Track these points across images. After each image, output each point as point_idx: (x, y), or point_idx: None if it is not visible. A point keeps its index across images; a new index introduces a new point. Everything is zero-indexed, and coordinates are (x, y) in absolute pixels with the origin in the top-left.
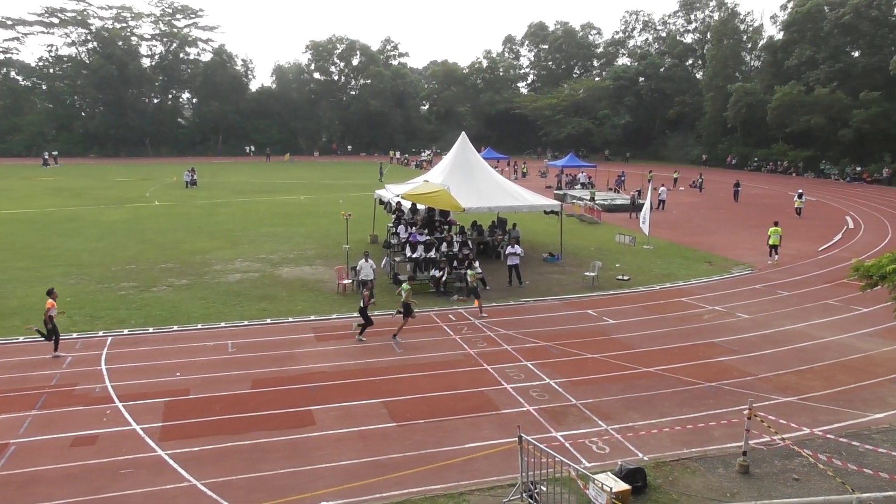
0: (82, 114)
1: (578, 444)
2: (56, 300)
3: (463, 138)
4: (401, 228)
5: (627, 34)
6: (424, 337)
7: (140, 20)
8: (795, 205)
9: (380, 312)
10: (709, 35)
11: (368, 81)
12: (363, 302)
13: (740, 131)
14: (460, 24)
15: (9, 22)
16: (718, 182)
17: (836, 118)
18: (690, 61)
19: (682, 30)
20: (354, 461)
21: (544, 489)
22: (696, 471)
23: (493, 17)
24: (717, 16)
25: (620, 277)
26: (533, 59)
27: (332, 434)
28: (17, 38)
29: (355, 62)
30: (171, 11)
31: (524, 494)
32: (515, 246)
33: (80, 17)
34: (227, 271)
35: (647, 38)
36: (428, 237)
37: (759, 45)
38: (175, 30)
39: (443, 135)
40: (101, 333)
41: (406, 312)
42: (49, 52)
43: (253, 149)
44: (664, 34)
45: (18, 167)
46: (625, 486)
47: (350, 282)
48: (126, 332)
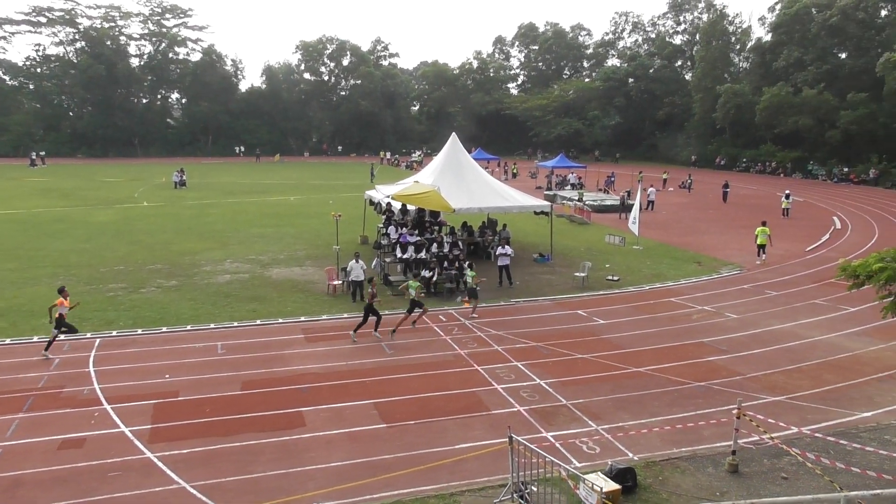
0: (70, 114)
1: (569, 445)
2: (68, 298)
3: (453, 139)
4: (391, 229)
5: (617, 35)
6: (415, 338)
7: (129, 19)
8: (782, 205)
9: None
10: (698, 36)
11: (359, 82)
12: (368, 298)
13: (729, 132)
14: (450, 24)
15: None
16: (707, 183)
17: (824, 119)
18: (680, 62)
19: (672, 31)
20: (345, 462)
21: (535, 489)
22: (685, 470)
23: (483, 18)
24: (705, 17)
25: (610, 278)
26: (523, 59)
27: (322, 435)
28: (4, 38)
29: (345, 62)
30: (160, 11)
31: (515, 495)
32: (506, 246)
33: (68, 17)
34: (217, 272)
35: (637, 40)
36: (418, 238)
37: (748, 46)
38: (164, 29)
39: (433, 135)
40: (89, 335)
41: (412, 309)
42: (36, 51)
43: (243, 149)
44: (653, 35)
45: (5, 167)
46: (615, 486)
47: (340, 283)
48: (115, 333)
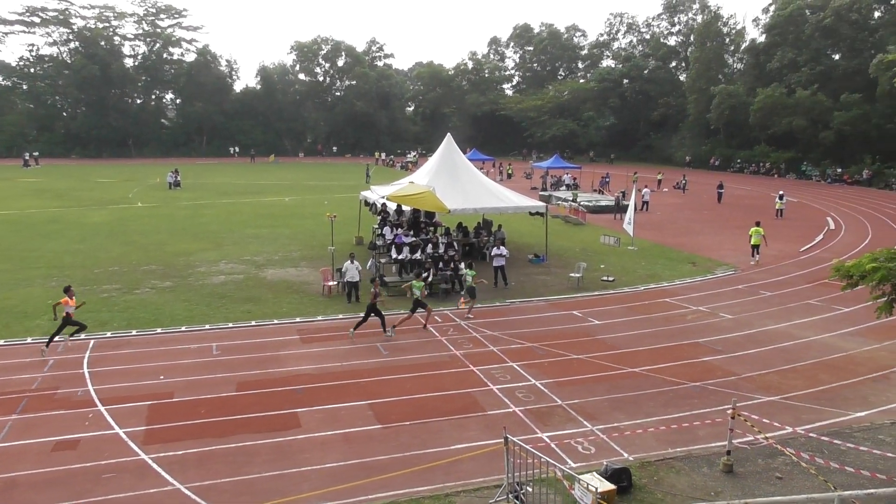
0: (64, 114)
1: (564, 445)
2: (74, 297)
3: (448, 140)
4: (386, 230)
5: (612, 36)
6: (410, 338)
7: (123, 20)
8: (776, 206)
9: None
10: (692, 38)
11: (354, 82)
12: (371, 298)
13: (723, 133)
14: (445, 25)
15: None
16: (702, 183)
17: (818, 120)
18: (674, 63)
19: (666, 32)
20: (340, 463)
21: (530, 490)
22: (680, 470)
23: (478, 19)
24: (700, 19)
25: (605, 278)
26: (518, 60)
27: (317, 436)
28: None
29: (340, 63)
30: (154, 11)
31: (510, 495)
32: (501, 247)
33: (61, 17)
34: (212, 273)
35: (632, 41)
36: (413, 238)
37: (742, 47)
38: (158, 30)
39: (428, 136)
40: (83, 336)
41: (415, 308)
42: (30, 51)
43: (237, 150)
44: (648, 36)
45: None
46: (610, 486)
47: (335, 283)
48: (109, 334)
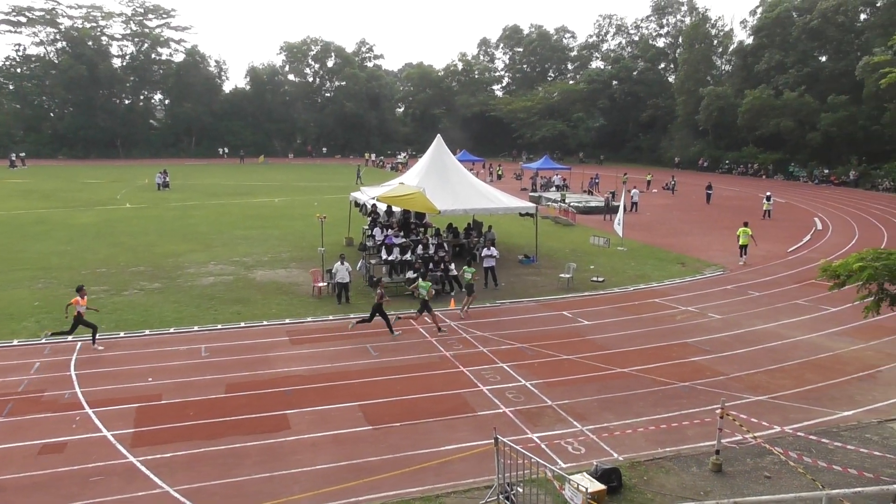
0: (51, 114)
1: (554, 445)
2: (85, 297)
3: (438, 141)
4: (376, 231)
5: (601, 38)
6: (400, 339)
7: (111, 20)
8: (764, 207)
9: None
10: (680, 39)
11: (343, 83)
12: (377, 299)
13: (712, 134)
14: (435, 26)
15: None
16: (691, 184)
17: (805, 121)
18: (663, 65)
19: (655, 34)
20: (330, 465)
21: (521, 490)
22: (670, 470)
23: (467, 20)
24: (688, 21)
25: (595, 279)
26: (508, 61)
27: (307, 438)
28: None
29: (330, 64)
30: (142, 11)
31: (500, 496)
32: (491, 248)
33: (48, 16)
34: (201, 274)
35: (621, 42)
36: (403, 239)
37: (730, 49)
38: (147, 30)
39: (418, 137)
40: (70, 338)
41: (422, 309)
42: (17, 51)
43: (226, 150)
44: (637, 38)
45: None
46: (600, 486)
47: (325, 284)
48: (97, 336)
